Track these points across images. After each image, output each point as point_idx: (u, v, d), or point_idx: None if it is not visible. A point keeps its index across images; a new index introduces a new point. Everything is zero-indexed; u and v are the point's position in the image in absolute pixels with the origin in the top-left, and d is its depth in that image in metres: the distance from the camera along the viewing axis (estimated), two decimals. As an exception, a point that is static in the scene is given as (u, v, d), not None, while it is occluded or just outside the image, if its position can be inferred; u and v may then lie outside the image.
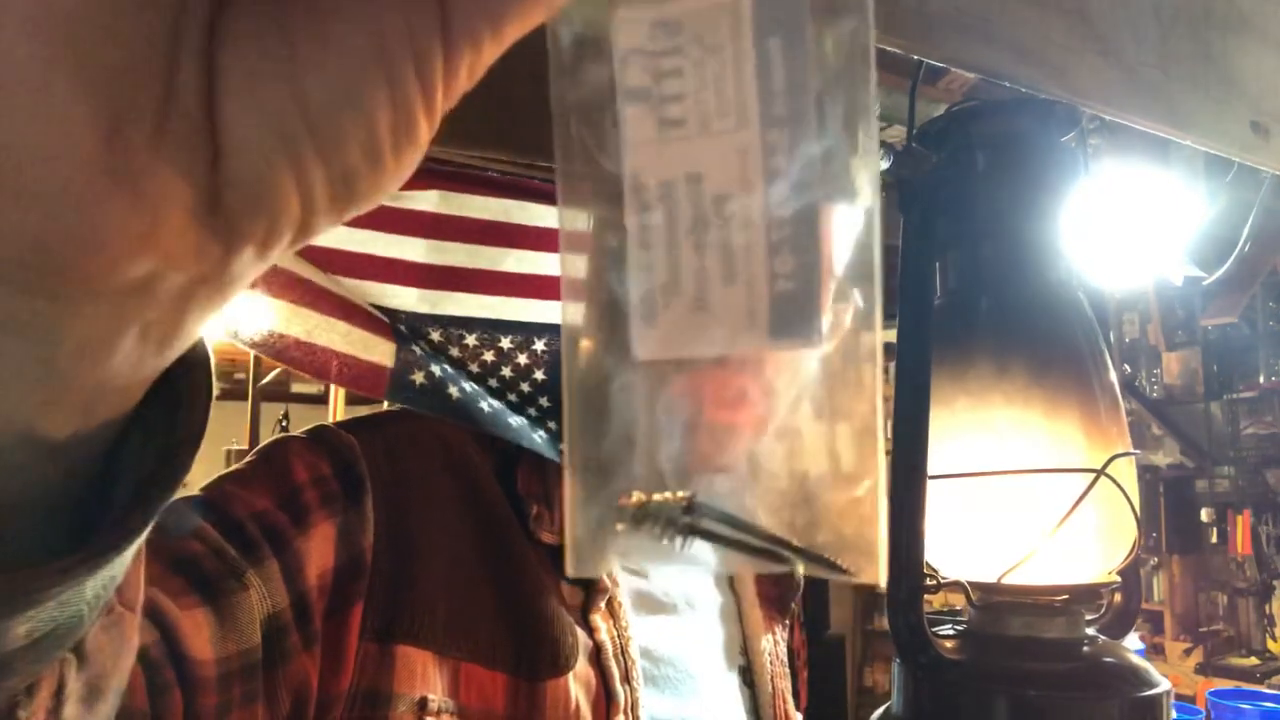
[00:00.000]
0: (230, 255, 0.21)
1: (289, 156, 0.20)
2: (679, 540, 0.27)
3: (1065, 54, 0.61)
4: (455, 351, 0.77)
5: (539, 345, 0.79)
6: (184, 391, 0.26)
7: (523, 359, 0.79)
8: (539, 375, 0.79)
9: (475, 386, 0.76)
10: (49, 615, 0.23)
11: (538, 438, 0.73)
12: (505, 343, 0.78)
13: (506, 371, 0.78)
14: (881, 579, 0.27)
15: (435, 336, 0.76)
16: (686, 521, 0.27)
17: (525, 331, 0.79)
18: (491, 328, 0.78)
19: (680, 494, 0.28)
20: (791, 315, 0.25)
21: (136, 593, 0.31)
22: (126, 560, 0.25)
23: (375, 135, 0.21)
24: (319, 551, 0.59)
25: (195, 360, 0.27)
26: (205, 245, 0.20)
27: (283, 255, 0.82)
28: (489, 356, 0.78)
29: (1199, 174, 1.24)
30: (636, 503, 0.28)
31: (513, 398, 0.78)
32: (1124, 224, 1.21)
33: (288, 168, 0.20)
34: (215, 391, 0.28)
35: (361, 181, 0.22)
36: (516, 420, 0.74)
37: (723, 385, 0.33)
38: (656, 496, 0.28)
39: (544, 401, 0.78)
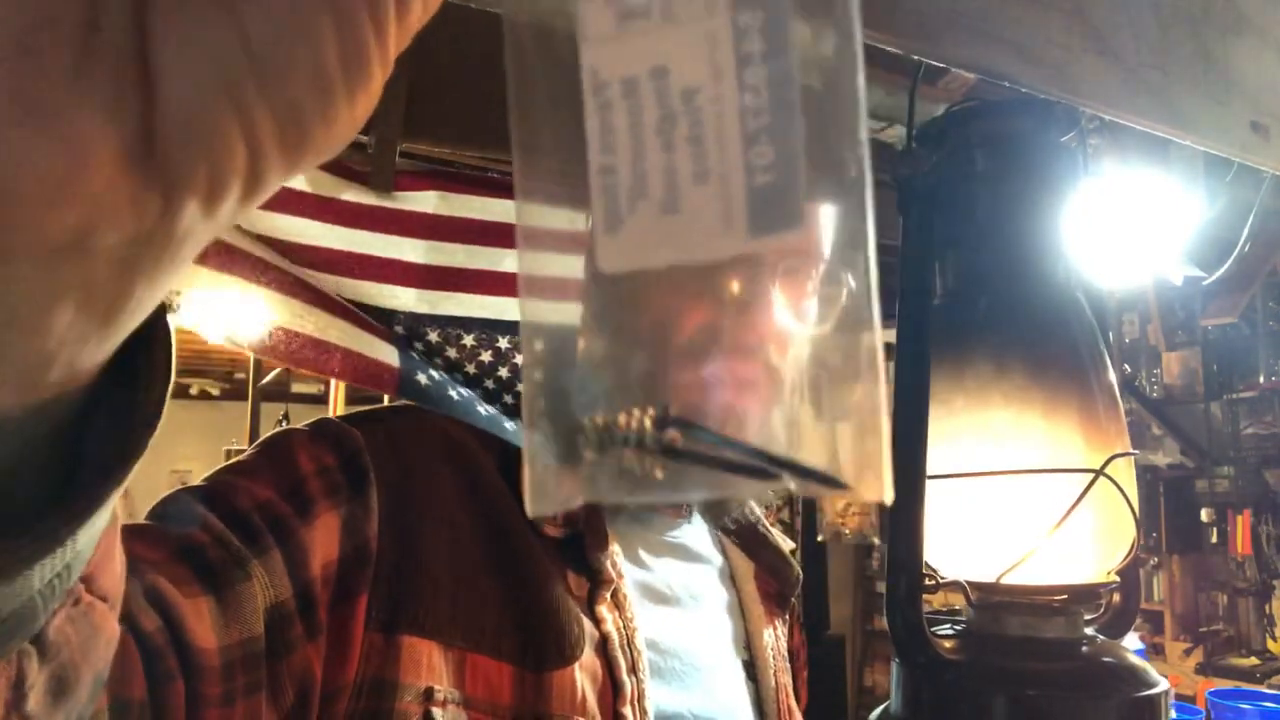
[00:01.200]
0: (172, 209, 0.19)
1: (229, 90, 0.18)
2: (652, 463, 0.24)
3: (1064, 54, 0.61)
4: (453, 352, 0.77)
5: None
6: (142, 371, 0.24)
7: (520, 360, 0.79)
8: None
9: (470, 391, 0.76)
10: None
11: None
12: (503, 343, 0.78)
13: (504, 372, 0.78)
14: (886, 494, 0.24)
15: (433, 337, 0.76)
16: (659, 439, 0.24)
17: None
18: (489, 328, 0.78)
19: (650, 410, 0.24)
20: (772, 207, 0.22)
21: (112, 583, 0.30)
22: (83, 547, 0.23)
23: (323, 67, 0.19)
24: (323, 542, 0.59)
25: (155, 338, 0.25)
26: (141, 196, 0.18)
27: (289, 264, 0.80)
28: (486, 357, 0.78)
29: (1199, 174, 1.24)
30: (601, 424, 0.25)
31: (509, 399, 0.78)
32: (1124, 224, 1.21)
33: (228, 103, 0.18)
34: (174, 370, 0.26)
35: (312, 120, 0.20)
36: (511, 425, 0.74)
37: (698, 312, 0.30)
38: (623, 415, 0.25)
39: None
